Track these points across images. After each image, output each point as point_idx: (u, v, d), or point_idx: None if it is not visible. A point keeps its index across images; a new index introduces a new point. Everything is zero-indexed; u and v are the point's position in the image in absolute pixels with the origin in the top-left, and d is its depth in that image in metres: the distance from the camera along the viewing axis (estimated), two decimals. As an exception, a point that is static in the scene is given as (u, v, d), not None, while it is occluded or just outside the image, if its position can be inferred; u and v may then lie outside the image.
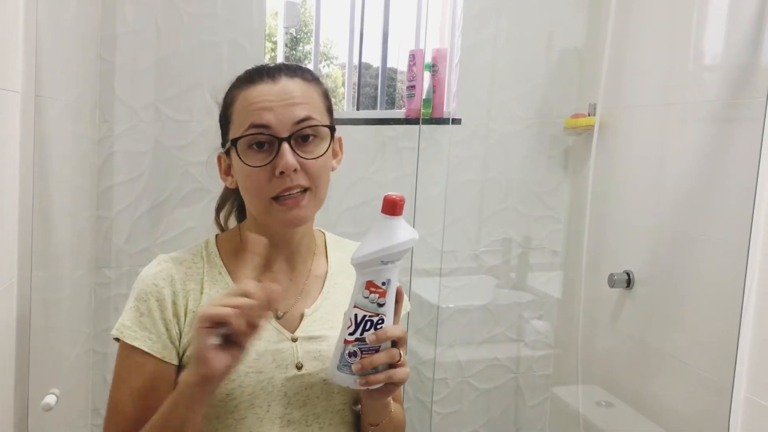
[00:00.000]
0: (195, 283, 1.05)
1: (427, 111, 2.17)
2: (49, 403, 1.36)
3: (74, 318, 1.81)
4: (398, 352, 0.94)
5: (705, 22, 1.82)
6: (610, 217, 2.11)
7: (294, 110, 0.98)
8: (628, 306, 2.04)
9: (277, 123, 0.98)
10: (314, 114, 1.01)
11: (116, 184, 1.94)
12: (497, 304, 2.35)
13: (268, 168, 0.98)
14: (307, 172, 0.99)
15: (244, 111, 1.00)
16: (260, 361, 1.01)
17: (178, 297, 1.03)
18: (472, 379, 2.36)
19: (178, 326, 1.02)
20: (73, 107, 1.71)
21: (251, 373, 1.00)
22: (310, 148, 1.00)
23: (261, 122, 0.98)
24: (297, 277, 1.11)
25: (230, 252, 1.10)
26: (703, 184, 1.76)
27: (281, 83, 1.00)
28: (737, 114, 1.65)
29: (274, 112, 0.98)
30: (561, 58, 2.28)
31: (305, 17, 2.39)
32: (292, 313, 1.08)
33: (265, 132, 0.98)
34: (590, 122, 2.11)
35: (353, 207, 2.14)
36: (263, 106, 0.98)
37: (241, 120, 1.00)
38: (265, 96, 0.99)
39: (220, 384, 0.89)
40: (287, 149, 0.97)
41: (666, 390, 1.87)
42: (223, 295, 0.86)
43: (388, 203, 0.89)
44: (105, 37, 1.88)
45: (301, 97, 1.00)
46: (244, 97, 1.01)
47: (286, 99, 0.99)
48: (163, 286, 1.03)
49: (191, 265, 1.07)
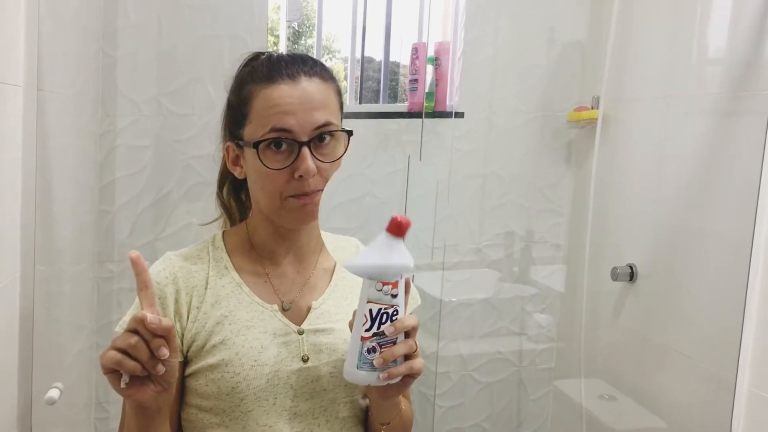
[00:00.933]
0: (199, 279, 1.06)
1: (429, 104, 2.17)
2: (52, 397, 1.37)
3: (77, 312, 1.82)
4: (414, 342, 0.94)
5: (708, 14, 1.81)
6: (613, 210, 2.11)
7: (314, 115, 1.00)
8: (631, 299, 2.04)
9: (297, 127, 0.99)
10: (332, 118, 1.03)
11: (118, 178, 1.94)
12: (500, 298, 2.35)
13: (286, 171, 1.00)
14: (322, 174, 1.02)
15: (264, 112, 1.01)
16: (265, 353, 1.02)
17: (181, 294, 1.04)
18: (475, 373, 2.36)
19: (180, 324, 1.03)
20: (74, 101, 1.70)
21: (256, 366, 1.01)
22: (326, 150, 1.02)
23: (283, 126, 0.99)
24: (304, 269, 1.12)
25: (236, 247, 1.12)
26: (706, 177, 1.75)
27: (301, 85, 1.01)
28: (741, 107, 1.65)
29: (295, 117, 0.99)
30: (564, 51, 2.27)
31: (307, 11, 2.39)
32: (298, 306, 1.09)
33: (287, 136, 0.99)
34: (593, 115, 2.11)
35: (348, 201, 2.13)
36: (285, 110, 0.99)
37: (262, 121, 1.01)
38: (286, 99, 1.00)
39: (165, 404, 0.89)
40: (308, 154, 0.99)
41: (669, 383, 1.87)
42: (115, 338, 0.84)
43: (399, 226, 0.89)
44: (107, 31, 1.87)
45: (321, 100, 1.02)
46: (264, 97, 1.01)
47: (306, 103, 1.00)
48: (165, 285, 1.04)
49: (196, 261, 1.08)
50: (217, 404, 1.02)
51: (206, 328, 1.03)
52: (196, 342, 1.03)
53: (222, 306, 1.04)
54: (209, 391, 1.01)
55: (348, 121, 2.14)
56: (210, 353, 1.02)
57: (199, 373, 1.02)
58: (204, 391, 1.02)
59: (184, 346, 1.03)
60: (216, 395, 1.01)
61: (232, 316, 1.04)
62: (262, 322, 1.04)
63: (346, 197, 2.12)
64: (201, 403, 1.03)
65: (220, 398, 1.01)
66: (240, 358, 1.00)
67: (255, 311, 1.05)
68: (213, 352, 1.01)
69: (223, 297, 1.05)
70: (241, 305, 1.05)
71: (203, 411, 1.03)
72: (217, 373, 1.00)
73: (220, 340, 1.02)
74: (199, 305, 1.04)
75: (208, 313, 1.04)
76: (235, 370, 1.00)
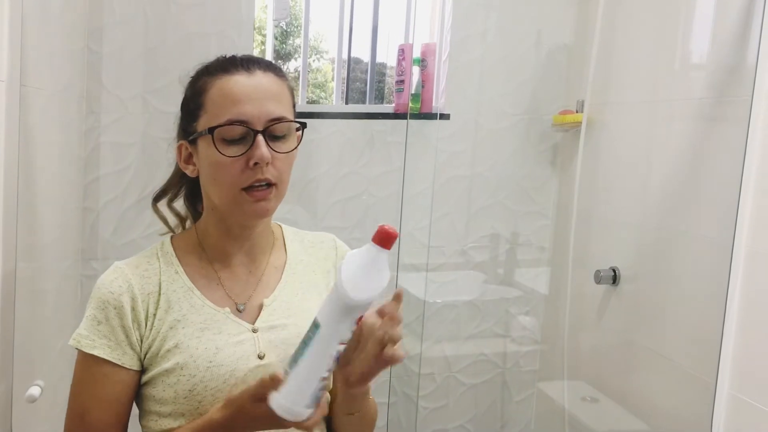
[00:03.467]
0: (153, 285, 1.06)
1: (415, 106, 2.17)
2: (33, 394, 1.36)
3: (60, 310, 1.80)
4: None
5: (692, 20, 1.83)
6: (597, 213, 2.12)
7: (269, 105, 1.00)
8: (614, 302, 2.05)
9: (253, 117, 0.99)
10: (286, 113, 1.03)
11: (103, 175, 1.93)
12: (484, 300, 2.36)
13: (241, 159, 0.99)
14: (275, 166, 1.01)
15: (220, 101, 1.01)
16: (220, 354, 1.02)
17: (137, 302, 1.03)
18: (459, 374, 2.37)
19: (138, 332, 1.03)
20: (59, 97, 1.70)
21: (212, 367, 1.01)
22: (279, 145, 1.02)
23: (239, 117, 0.99)
24: (256, 269, 1.12)
25: (186, 251, 1.11)
26: (688, 181, 1.77)
27: (257, 76, 1.02)
28: (723, 112, 1.66)
29: (251, 105, 0.99)
30: (549, 54, 2.28)
31: (295, 11, 2.39)
32: (251, 305, 1.09)
33: (243, 125, 0.99)
34: (578, 119, 2.12)
35: (341, 201, 2.14)
36: (241, 98, 1.00)
37: (217, 110, 1.01)
38: (241, 88, 1.00)
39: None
40: (262, 141, 0.99)
41: (650, 386, 1.88)
42: None
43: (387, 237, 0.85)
44: (92, 28, 1.87)
45: (276, 93, 1.03)
46: (219, 87, 1.02)
47: (261, 92, 1.01)
48: (120, 293, 1.03)
49: (147, 268, 1.07)
50: (175, 408, 1.01)
51: (161, 334, 1.02)
52: (152, 348, 1.03)
53: (174, 311, 1.04)
54: (166, 396, 1.01)
55: (334, 121, 2.16)
56: (165, 358, 1.01)
57: (156, 379, 1.02)
58: (161, 397, 1.02)
59: (142, 353, 1.03)
60: (173, 399, 1.01)
61: (185, 320, 1.03)
62: (216, 324, 1.04)
63: (343, 196, 2.13)
64: (160, 409, 1.03)
65: (177, 402, 1.01)
66: (195, 360, 1.00)
67: (207, 314, 1.05)
68: (167, 356, 1.01)
69: (174, 301, 1.05)
70: (193, 309, 1.05)
71: (163, 417, 1.03)
72: (173, 377, 1.00)
73: (174, 344, 1.01)
74: (155, 312, 1.04)
75: (163, 319, 1.03)
76: (190, 372, 1.00)
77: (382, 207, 2.16)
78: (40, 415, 1.54)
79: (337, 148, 2.11)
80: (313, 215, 2.09)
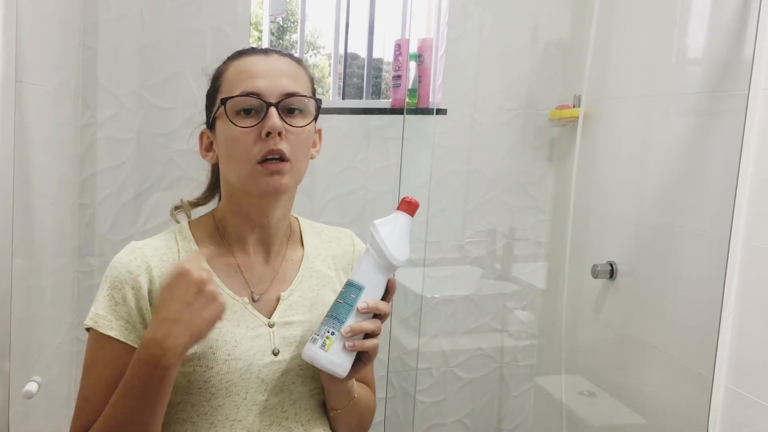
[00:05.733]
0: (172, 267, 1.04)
1: (412, 101, 2.17)
2: (30, 390, 1.36)
3: (57, 306, 1.80)
4: (380, 325, 1.00)
5: (688, 15, 1.83)
6: (594, 208, 2.12)
7: (283, 81, 1.02)
8: (611, 296, 2.06)
9: (266, 90, 1.00)
10: (302, 91, 1.03)
11: (99, 171, 1.92)
12: (482, 295, 2.36)
13: (254, 130, 1.00)
14: (289, 141, 1.01)
15: (235, 78, 1.03)
16: (239, 348, 1.01)
17: (155, 284, 1.01)
18: (457, 369, 2.37)
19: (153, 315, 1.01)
20: (55, 94, 1.69)
21: (230, 360, 1.00)
22: (294, 120, 1.02)
23: (252, 88, 1.00)
24: (272, 260, 1.11)
25: (204, 236, 1.10)
26: (685, 176, 1.77)
27: (272, 58, 1.05)
28: (719, 106, 1.66)
29: (265, 80, 1.01)
30: (546, 49, 2.28)
31: (291, 6, 2.38)
32: (268, 297, 1.08)
33: (256, 97, 1.00)
34: (575, 114, 2.12)
35: (339, 196, 2.14)
36: (254, 74, 1.01)
37: (232, 86, 1.02)
38: (257, 65, 1.03)
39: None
40: (274, 112, 0.99)
41: (648, 380, 1.89)
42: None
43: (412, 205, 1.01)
44: (88, 24, 1.86)
45: (291, 74, 1.04)
46: (235, 67, 1.04)
47: (277, 72, 1.03)
48: (138, 274, 1.01)
49: (166, 251, 1.06)
50: (186, 398, 1.00)
51: None
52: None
53: None
54: (180, 384, 0.99)
55: (331, 116, 2.16)
56: None
57: None
58: (174, 385, 0.99)
59: None
60: (186, 389, 1.00)
61: None
62: (234, 314, 1.03)
63: (340, 191, 2.13)
64: (170, 397, 1.01)
65: (190, 392, 1.00)
66: (214, 351, 0.99)
67: (227, 303, 1.04)
68: None
69: None
70: None
71: (170, 406, 0.99)
72: (189, 366, 0.98)
73: None
74: None
75: None
76: (208, 363, 0.99)
77: (379, 202, 2.16)
78: (37, 411, 1.54)
79: (334, 143, 2.11)
80: (310, 210, 2.09)
